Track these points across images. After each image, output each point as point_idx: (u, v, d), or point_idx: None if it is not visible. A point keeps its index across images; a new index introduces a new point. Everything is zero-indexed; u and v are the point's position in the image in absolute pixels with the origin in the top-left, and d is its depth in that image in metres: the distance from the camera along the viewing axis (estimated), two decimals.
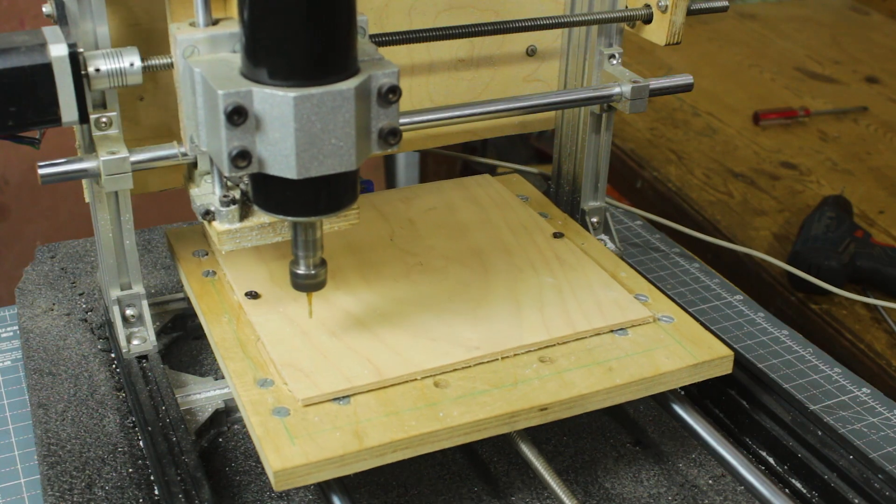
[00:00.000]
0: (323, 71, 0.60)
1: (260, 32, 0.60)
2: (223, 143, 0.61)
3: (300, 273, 0.71)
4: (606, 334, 0.78)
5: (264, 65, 0.60)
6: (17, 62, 0.66)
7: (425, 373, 0.73)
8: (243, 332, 0.77)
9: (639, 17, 0.89)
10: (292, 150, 0.61)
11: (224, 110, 0.60)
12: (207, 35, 0.67)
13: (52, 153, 0.76)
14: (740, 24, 2.06)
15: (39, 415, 0.81)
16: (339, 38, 0.60)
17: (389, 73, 0.63)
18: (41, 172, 0.71)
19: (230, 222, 0.73)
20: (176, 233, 0.89)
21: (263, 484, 0.77)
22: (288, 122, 0.60)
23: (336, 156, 0.62)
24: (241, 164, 0.61)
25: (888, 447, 0.85)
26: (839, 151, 1.56)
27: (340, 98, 0.61)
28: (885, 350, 1.10)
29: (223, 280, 0.83)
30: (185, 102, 0.67)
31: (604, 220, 1.00)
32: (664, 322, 0.79)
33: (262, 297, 0.80)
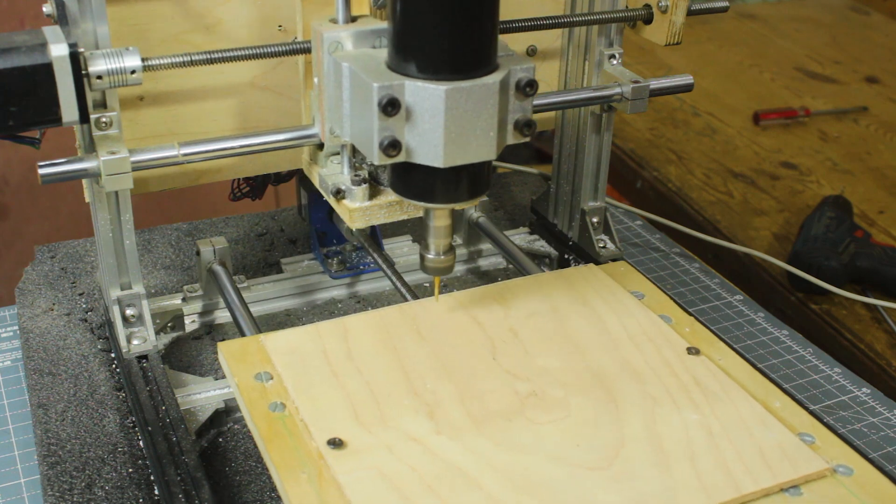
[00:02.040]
0: (470, 66, 0.64)
1: (414, 30, 0.64)
2: (375, 133, 0.64)
3: (430, 257, 0.74)
4: (777, 494, 0.63)
5: (415, 59, 0.64)
6: (17, 62, 0.66)
7: None
8: (329, 494, 0.61)
9: (639, 18, 0.89)
10: (440, 140, 0.65)
11: (378, 102, 0.64)
12: (351, 31, 0.71)
13: (53, 153, 0.76)
14: (740, 24, 2.06)
15: (39, 415, 0.81)
16: (486, 35, 0.65)
17: (527, 68, 0.66)
18: (41, 172, 0.71)
19: (361, 200, 0.75)
20: (231, 347, 0.74)
21: (263, 484, 0.77)
22: (438, 114, 0.64)
23: (479, 146, 0.66)
24: (392, 153, 0.65)
25: (888, 447, 0.85)
26: (839, 151, 1.56)
27: (486, 91, 0.64)
28: (885, 350, 1.10)
29: (295, 417, 0.68)
30: (326, 95, 0.72)
31: (604, 220, 1.00)
32: (842, 475, 0.65)
33: (347, 445, 0.65)
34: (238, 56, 0.76)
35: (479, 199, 0.71)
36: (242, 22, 0.83)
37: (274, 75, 0.86)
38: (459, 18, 0.63)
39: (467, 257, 1.05)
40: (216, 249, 0.91)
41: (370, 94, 0.64)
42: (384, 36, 0.71)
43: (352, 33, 0.71)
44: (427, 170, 0.66)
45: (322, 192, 0.78)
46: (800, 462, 0.65)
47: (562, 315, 0.79)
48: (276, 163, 0.89)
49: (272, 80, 0.86)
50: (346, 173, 0.76)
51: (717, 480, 0.63)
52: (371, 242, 0.97)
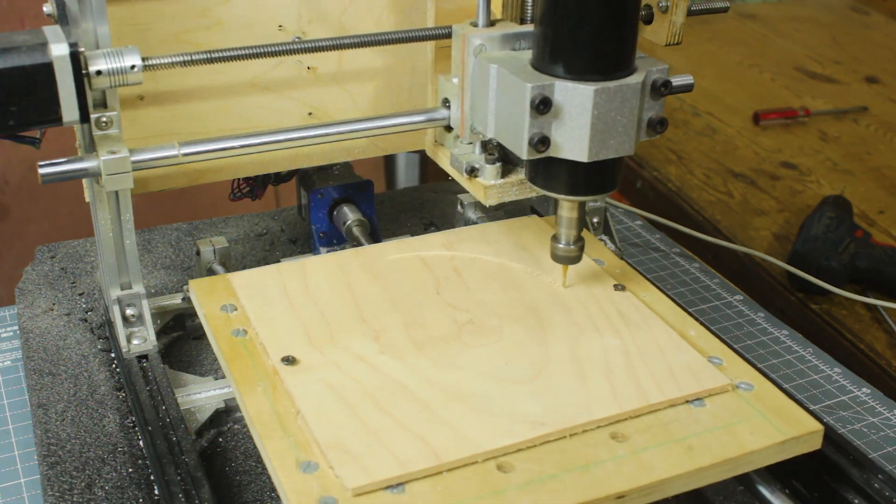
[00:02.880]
0: (615, 67, 0.70)
1: (565, 34, 0.69)
2: (525, 129, 0.70)
3: (560, 246, 0.78)
4: (682, 405, 0.70)
5: (564, 61, 0.70)
6: (18, 62, 0.66)
7: (487, 454, 0.64)
8: (281, 403, 0.68)
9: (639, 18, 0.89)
10: (587, 137, 0.70)
11: (532, 101, 0.69)
12: (499, 34, 0.77)
13: (53, 153, 0.76)
14: (740, 24, 2.06)
15: (39, 415, 0.81)
16: (628, 39, 0.70)
17: (662, 70, 0.72)
18: (41, 172, 0.71)
19: (494, 178, 0.81)
20: (200, 285, 0.81)
21: (263, 484, 0.77)
22: (586, 112, 0.69)
23: (619, 142, 0.71)
24: (542, 149, 0.71)
25: (888, 447, 0.85)
26: (839, 151, 1.56)
27: (630, 91, 0.70)
28: (885, 350, 1.10)
29: (255, 341, 0.75)
30: (469, 95, 0.78)
31: (604, 220, 0.99)
32: (743, 390, 0.72)
33: (299, 362, 0.72)
34: (238, 56, 0.76)
35: (609, 192, 0.76)
36: (242, 22, 0.83)
37: (274, 75, 0.86)
38: (605, 23, 0.68)
39: None
40: (216, 249, 0.91)
41: (523, 93, 0.70)
42: (524, 39, 0.77)
43: (496, 36, 0.77)
44: (563, 163, 0.72)
45: (453, 171, 0.84)
46: (705, 378, 0.72)
47: (503, 257, 0.87)
48: (277, 163, 0.89)
49: (272, 80, 0.86)
50: (478, 153, 0.81)
51: (628, 392, 0.70)
52: (371, 242, 0.97)
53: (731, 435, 0.67)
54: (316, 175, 0.98)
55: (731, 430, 0.68)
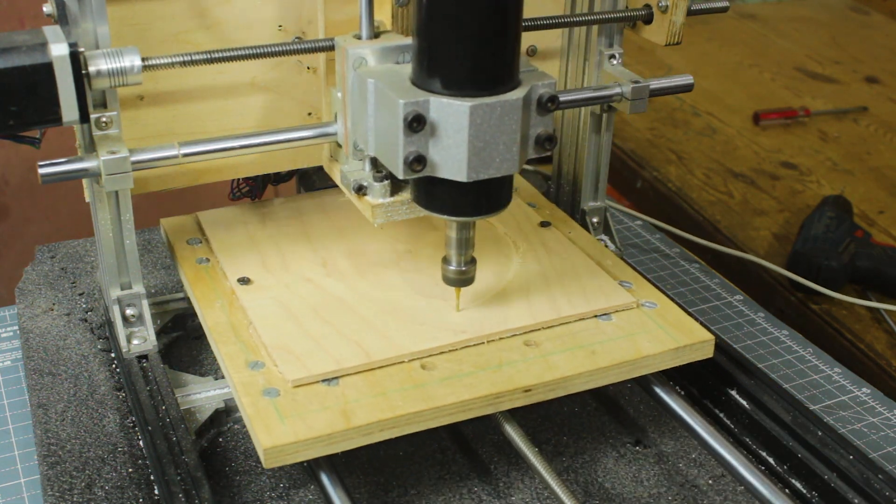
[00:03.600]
0: (494, 82, 0.66)
1: (439, 47, 0.66)
2: (400, 148, 0.66)
3: (451, 269, 0.77)
4: (590, 319, 0.79)
5: (440, 76, 0.66)
6: (17, 62, 0.66)
7: (413, 355, 0.75)
8: (236, 317, 0.79)
9: (639, 18, 0.89)
10: (464, 155, 0.66)
11: (404, 118, 0.65)
12: (378, 47, 0.72)
13: (53, 153, 0.76)
14: (740, 24, 2.06)
15: (39, 415, 0.81)
16: (509, 52, 0.66)
17: (548, 84, 0.68)
18: (41, 172, 0.71)
19: (382, 196, 0.76)
20: (171, 222, 0.91)
21: (263, 484, 0.77)
22: (462, 129, 0.66)
23: (501, 160, 0.68)
24: (417, 168, 0.67)
25: (888, 447, 0.85)
26: (839, 151, 1.56)
27: (510, 107, 0.66)
28: (885, 350, 1.10)
29: (216, 267, 0.85)
30: (350, 111, 0.73)
31: (604, 220, 1.00)
32: (647, 308, 0.81)
33: (253, 282, 0.82)
34: (238, 56, 0.76)
35: (499, 211, 0.72)
36: (242, 22, 0.83)
37: (274, 75, 0.86)
38: (483, 36, 0.64)
39: None
40: None
41: (396, 110, 0.66)
42: (407, 52, 0.73)
43: (376, 49, 0.72)
44: (449, 183, 0.68)
45: (343, 188, 0.79)
46: (613, 297, 0.81)
47: None
48: (276, 163, 0.89)
49: (272, 80, 0.86)
50: (367, 170, 0.77)
51: (543, 308, 0.80)
52: None
53: (631, 343, 0.77)
54: (316, 175, 0.98)
55: (631, 339, 0.77)
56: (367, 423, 0.68)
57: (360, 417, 0.69)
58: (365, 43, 0.73)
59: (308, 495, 0.76)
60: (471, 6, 0.64)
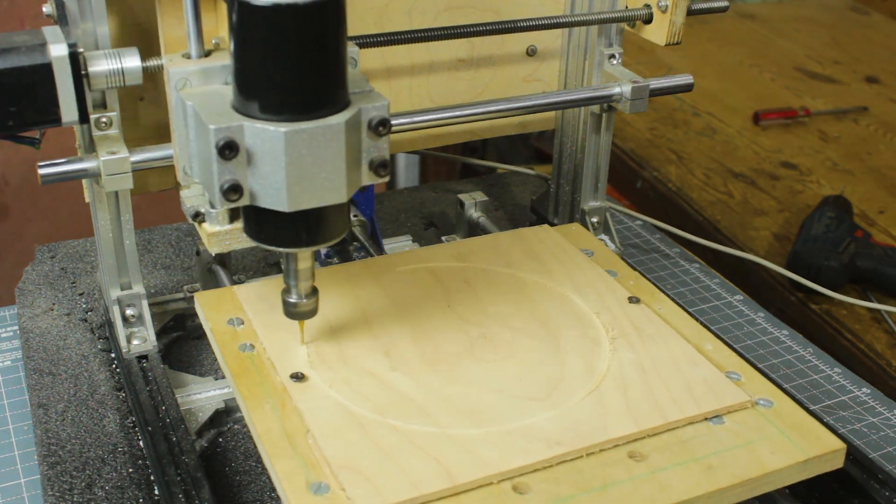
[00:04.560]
0: (314, 105, 0.60)
1: (251, 68, 0.60)
2: (215, 176, 0.61)
3: (291, 301, 0.70)
4: (700, 423, 0.68)
5: (255, 99, 0.60)
6: (17, 62, 0.66)
7: (503, 475, 0.63)
8: (290, 421, 0.67)
9: (639, 17, 0.89)
10: (283, 184, 0.61)
11: (216, 145, 0.60)
12: (200, 67, 0.66)
13: (53, 153, 0.76)
14: (740, 24, 2.06)
15: (39, 415, 0.81)
16: (330, 73, 0.60)
17: (379, 107, 0.63)
18: (41, 172, 0.71)
19: (220, 224, 0.72)
20: (206, 298, 0.80)
21: (263, 484, 0.77)
22: (279, 157, 0.60)
23: (327, 189, 0.62)
24: (233, 198, 0.61)
25: (888, 447, 0.85)
26: (839, 151, 1.56)
27: (331, 132, 0.61)
28: (885, 350, 1.10)
29: (263, 356, 0.73)
30: (177, 135, 0.67)
31: (604, 220, 1.00)
32: (763, 406, 0.70)
33: (308, 378, 0.71)
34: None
35: (336, 240, 0.67)
36: None
37: None
38: (299, 57, 0.59)
39: None
40: None
41: (208, 136, 0.60)
42: None
43: (200, 69, 0.67)
44: (274, 213, 0.63)
45: (185, 214, 0.75)
46: (723, 395, 0.70)
47: (514, 268, 0.85)
48: None
49: None
50: (206, 195, 0.72)
51: (645, 409, 0.68)
52: (371, 242, 0.97)
53: (751, 453, 0.66)
54: None
55: (751, 449, 0.66)
56: None
57: None
58: (191, 62, 0.67)
59: None
60: (284, 26, 0.58)
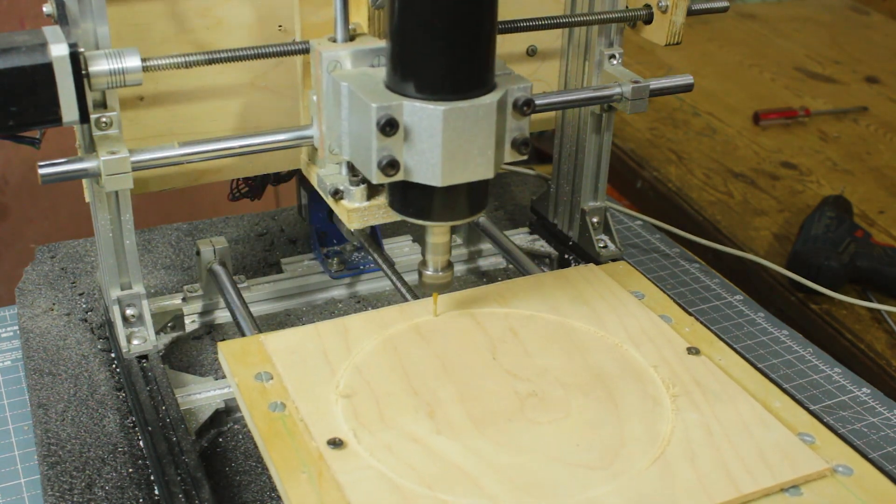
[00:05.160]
0: (468, 85, 0.65)
1: (413, 51, 0.65)
2: (373, 152, 0.65)
3: (428, 273, 0.75)
4: (777, 494, 0.63)
5: (413, 80, 0.65)
6: (17, 62, 0.66)
7: None
8: (329, 495, 0.61)
9: (639, 18, 0.89)
10: (438, 160, 0.65)
11: (377, 122, 0.64)
12: (350, 51, 0.71)
13: (53, 153, 0.76)
14: (740, 24, 2.06)
15: (39, 415, 0.81)
16: (484, 56, 0.65)
17: (524, 87, 0.67)
18: (41, 172, 0.71)
19: (359, 201, 0.75)
20: (231, 347, 0.74)
21: (263, 484, 0.77)
22: (436, 134, 0.64)
23: (476, 165, 0.67)
24: (390, 173, 0.66)
25: (888, 447, 0.85)
26: (839, 151, 1.56)
27: (484, 111, 0.65)
28: (885, 350, 1.10)
29: (296, 417, 0.68)
30: (325, 114, 0.72)
31: (604, 220, 1.00)
32: (842, 474, 0.65)
33: (347, 445, 0.65)
34: (238, 56, 0.76)
35: (477, 216, 0.71)
36: (242, 22, 0.83)
37: (274, 75, 0.86)
38: (457, 40, 0.64)
39: (467, 257, 1.05)
40: (216, 249, 0.91)
41: (369, 114, 0.65)
42: (382, 55, 0.71)
43: (350, 52, 0.71)
44: (425, 188, 0.67)
45: (320, 192, 0.78)
46: (800, 462, 0.65)
47: (562, 315, 0.80)
48: (276, 163, 0.89)
49: (272, 80, 0.86)
50: (344, 174, 0.76)
51: (716, 480, 0.63)
52: (371, 242, 0.97)
53: None
54: None
55: None
56: None
57: None
58: (340, 46, 0.72)
59: None
60: (444, 10, 0.63)
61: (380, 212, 0.74)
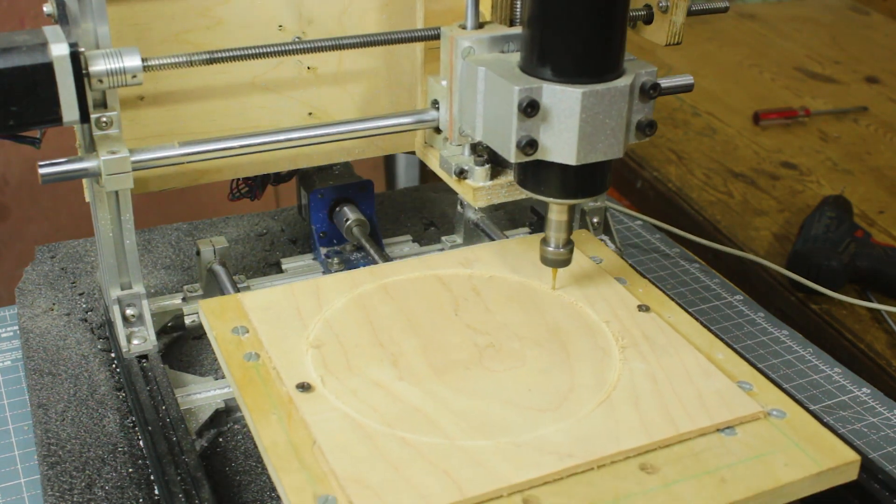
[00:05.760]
0: (603, 69, 0.70)
1: (553, 37, 0.69)
2: (513, 132, 0.70)
3: (550, 250, 0.78)
4: (713, 434, 0.68)
5: (552, 64, 0.69)
6: (18, 62, 0.66)
7: (512, 488, 0.62)
8: (297, 433, 0.66)
9: (639, 18, 0.89)
10: (575, 140, 0.70)
11: (519, 104, 0.69)
12: (483, 37, 0.76)
13: (53, 153, 0.76)
14: (740, 24, 2.06)
15: (39, 415, 0.81)
16: (617, 42, 0.70)
17: (651, 72, 0.72)
18: (41, 172, 0.71)
19: (484, 180, 0.80)
20: (210, 305, 0.79)
21: (263, 484, 0.77)
22: (574, 115, 0.69)
23: (608, 145, 0.71)
24: (530, 152, 0.70)
25: (888, 447, 0.85)
26: (839, 151, 1.56)
27: (619, 94, 0.70)
28: (885, 350, 1.10)
29: (269, 366, 0.72)
30: (457, 98, 0.77)
31: (604, 220, 1.00)
32: (776, 417, 0.69)
33: (315, 389, 0.70)
34: (238, 56, 0.76)
35: (598, 195, 0.76)
36: (242, 22, 0.83)
37: (274, 75, 0.86)
38: (595, 27, 0.68)
39: None
40: (216, 249, 0.91)
41: (510, 96, 0.69)
42: (512, 41, 0.77)
43: (484, 38, 0.76)
44: (553, 166, 0.71)
45: (442, 172, 0.83)
46: (735, 405, 0.70)
47: (522, 276, 0.84)
48: (277, 163, 0.89)
49: (272, 80, 0.86)
50: (467, 155, 0.81)
51: (657, 421, 0.68)
52: (371, 242, 0.97)
53: (764, 466, 0.65)
54: (316, 175, 0.98)
55: (764, 461, 0.65)
56: None
57: None
58: (471, 33, 0.77)
59: None
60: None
61: (503, 190, 0.79)
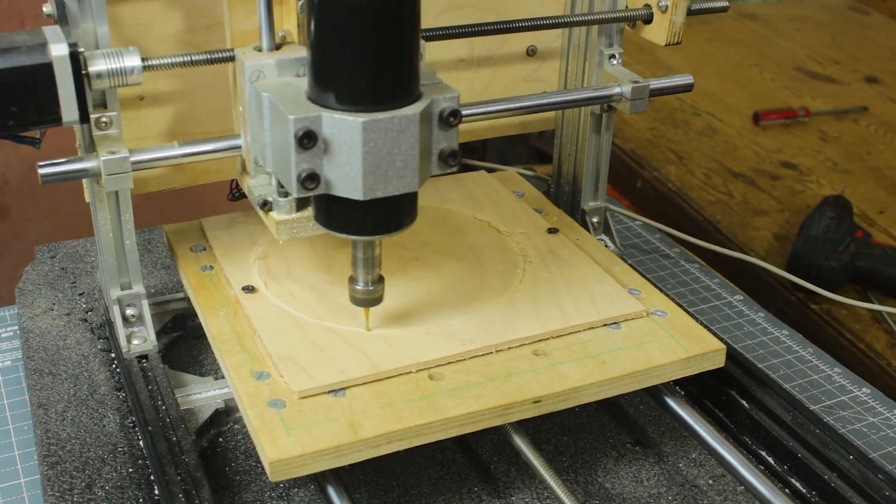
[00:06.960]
0: (389, 96, 0.63)
1: (330, 61, 0.62)
2: (292, 165, 0.63)
3: (358, 289, 0.74)
4: (600, 328, 0.79)
5: (333, 90, 0.63)
6: (17, 62, 0.66)
7: (420, 365, 0.74)
8: (240, 325, 0.78)
9: (639, 17, 0.89)
10: (359, 173, 0.64)
11: (294, 135, 0.62)
12: (273, 60, 0.70)
13: (53, 153, 0.76)
14: (740, 24, 2.06)
15: (39, 415, 0.81)
16: (405, 65, 0.63)
17: (451, 98, 0.65)
18: (41, 172, 0.71)
19: (287, 213, 0.74)
20: (174, 229, 0.90)
21: (263, 484, 0.77)
22: (356, 146, 0.63)
23: (400, 178, 0.65)
24: (310, 186, 0.64)
25: (888, 447, 0.85)
26: (839, 151, 1.56)
27: (406, 122, 0.63)
28: (885, 350, 1.10)
29: (220, 274, 0.84)
30: (250, 125, 0.70)
31: (604, 220, 1.00)
32: (657, 316, 0.80)
33: (258, 291, 0.81)
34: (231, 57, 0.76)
35: (404, 229, 0.69)
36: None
37: None
38: (376, 49, 0.61)
39: None
40: None
41: (287, 126, 0.63)
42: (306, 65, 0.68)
43: (274, 62, 0.69)
44: (347, 201, 0.65)
45: (252, 202, 0.77)
46: (623, 305, 0.80)
47: (450, 206, 0.95)
48: None
49: None
50: (273, 185, 0.74)
51: (551, 315, 0.79)
52: None
53: (641, 352, 0.76)
54: None
55: (642, 349, 0.77)
56: (374, 436, 0.67)
57: (367, 429, 0.68)
58: (264, 55, 0.70)
59: (308, 495, 0.76)
60: (360, 17, 0.60)
61: (308, 224, 0.73)
